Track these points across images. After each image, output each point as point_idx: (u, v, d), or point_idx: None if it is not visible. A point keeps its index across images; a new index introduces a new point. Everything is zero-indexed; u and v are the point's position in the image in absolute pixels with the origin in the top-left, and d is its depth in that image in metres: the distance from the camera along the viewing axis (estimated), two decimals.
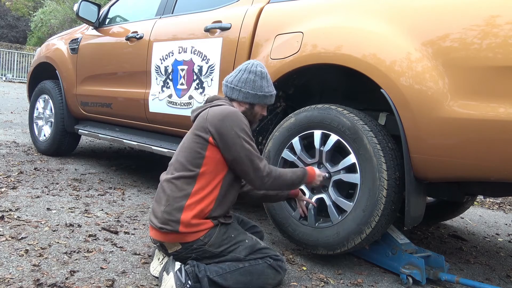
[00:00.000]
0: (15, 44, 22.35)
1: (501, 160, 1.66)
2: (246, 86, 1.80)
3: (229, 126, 1.66)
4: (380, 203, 1.84)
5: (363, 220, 1.88)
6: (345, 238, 1.93)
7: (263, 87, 1.83)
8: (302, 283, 1.85)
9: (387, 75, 1.84)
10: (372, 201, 1.85)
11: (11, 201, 2.46)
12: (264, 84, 1.83)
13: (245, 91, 1.80)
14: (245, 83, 1.80)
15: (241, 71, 1.83)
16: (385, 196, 1.83)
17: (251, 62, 1.85)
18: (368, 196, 1.87)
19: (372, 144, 1.88)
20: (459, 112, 1.68)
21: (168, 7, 3.08)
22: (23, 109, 7.58)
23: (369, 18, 1.98)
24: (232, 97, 1.82)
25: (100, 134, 3.48)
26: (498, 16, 1.63)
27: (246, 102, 1.82)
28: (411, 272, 1.94)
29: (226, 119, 1.67)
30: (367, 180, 1.88)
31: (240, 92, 1.80)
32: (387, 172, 1.84)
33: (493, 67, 1.62)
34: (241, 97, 1.80)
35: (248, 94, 1.80)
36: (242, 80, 1.81)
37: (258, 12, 2.43)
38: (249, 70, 1.82)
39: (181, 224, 1.62)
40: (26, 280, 1.57)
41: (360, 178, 1.91)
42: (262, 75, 1.83)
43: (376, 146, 1.88)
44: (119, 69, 3.33)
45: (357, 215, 1.89)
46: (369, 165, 1.87)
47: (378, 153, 1.86)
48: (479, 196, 3.26)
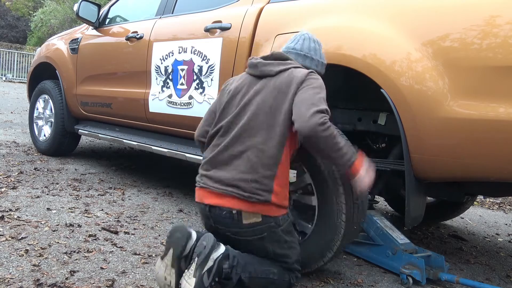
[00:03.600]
0: (15, 44, 22.35)
1: (501, 160, 1.66)
2: (316, 54, 1.80)
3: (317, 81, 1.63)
4: (340, 228, 1.74)
5: (323, 244, 1.79)
6: (307, 259, 1.84)
7: (324, 56, 1.85)
8: (302, 283, 1.85)
9: (387, 75, 1.84)
10: (332, 225, 1.75)
11: (11, 201, 2.46)
12: (323, 54, 1.85)
13: (316, 59, 1.79)
14: (315, 52, 1.79)
15: (305, 40, 1.80)
16: (344, 221, 1.73)
17: (308, 33, 1.83)
18: (326, 220, 1.76)
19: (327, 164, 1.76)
20: (459, 112, 1.68)
21: (168, 7, 3.08)
22: (23, 109, 7.58)
23: (369, 18, 1.98)
24: (303, 63, 1.77)
25: (100, 134, 3.48)
26: (498, 16, 1.63)
27: (314, 70, 1.75)
28: (411, 272, 1.94)
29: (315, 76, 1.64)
30: (324, 203, 1.78)
31: (312, 60, 1.79)
32: (345, 196, 1.72)
33: (493, 67, 1.62)
34: (314, 65, 1.78)
35: (318, 62, 1.81)
36: (312, 48, 1.79)
37: (258, 12, 2.43)
38: (313, 39, 1.81)
39: (273, 194, 1.53)
40: (26, 280, 1.57)
41: (317, 200, 1.80)
42: (321, 44, 1.84)
43: (331, 167, 1.75)
44: (119, 69, 3.33)
45: (317, 239, 1.81)
46: (325, 187, 1.77)
47: (333, 175, 1.74)
48: (479, 196, 3.26)
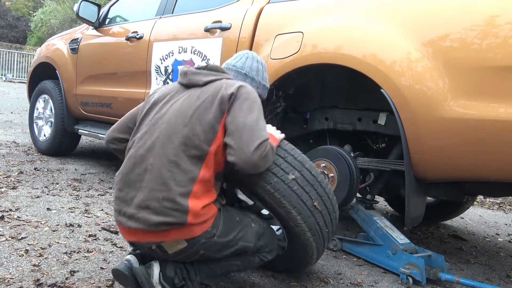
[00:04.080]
0: (15, 44, 22.34)
1: (501, 160, 1.66)
2: (258, 75, 1.68)
3: (250, 97, 1.45)
4: (310, 242, 1.63)
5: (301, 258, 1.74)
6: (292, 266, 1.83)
7: (267, 79, 1.74)
8: (302, 283, 1.85)
9: (387, 75, 1.84)
10: (302, 243, 1.64)
11: (11, 201, 2.46)
12: (267, 76, 1.74)
13: (258, 80, 1.68)
14: (257, 72, 1.68)
15: (248, 58, 1.69)
16: (311, 236, 1.61)
17: (250, 52, 1.73)
18: (295, 240, 1.65)
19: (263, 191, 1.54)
20: (459, 112, 1.68)
21: (168, 7, 3.08)
22: (23, 109, 7.58)
23: (369, 18, 1.98)
24: None
25: (100, 134, 3.48)
26: (498, 16, 1.64)
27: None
28: (411, 272, 1.94)
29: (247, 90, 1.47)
30: (284, 224, 1.64)
31: (253, 81, 1.66)
32: (301, 216, 1.55)
33: (493, 67, 1.62)
34: (254, 86, 1.62)
35: (260, 84, 1.69)
36: (254, 68, 1.67)
37: (258, 12, 2.43)
38: (256, 59, 1.70)
39: (190, 214, 1.32)
40: (26, 280, 1.57)
41: (280, 222, 1.65)
42: (265, 66, 1.73)
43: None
44: (119, 69, 3.33)
45: (295, 254, 1.74)
46: (275, 211, 1.59)
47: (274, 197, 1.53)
48: (479, 196, 3.26)
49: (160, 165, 1.36)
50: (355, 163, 2.16)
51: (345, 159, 2.13)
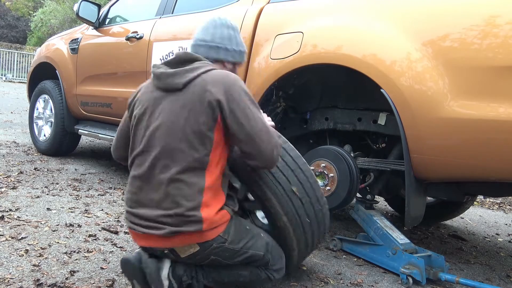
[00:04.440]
0: (15, 44, 22.33)
1: (501, 160, 1.66)
2: (231, 43, 1.56)
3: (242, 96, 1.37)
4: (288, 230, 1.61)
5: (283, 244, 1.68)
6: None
7: (242, 42, 1.61)
8: (302, 283, 1.85)
9: (387, 75, 1.84)
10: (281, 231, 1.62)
11: (11, 201, 2.46)
12: (241, 40, 1.62)
13: (231, 48, 1.55)
14: (230, 40, 1.55)
15: (216, 27, 1.55)
16: (287, 221, 1.59)
17: (218, 16, 1.60)
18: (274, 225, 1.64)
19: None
20: (459, 112, 1.68)
21: (168, 7, 3.08)
22: (23, 109, 7.58)
23: (369, 18, 1.98)
24: (217, 57, 1.54)
25: (100, 134, 3.48)
26: (498, 16, 1.64)
27: (231, 62, 1.58)
28: (411, 272, 1.94)
29: (235, 88, 1.37)
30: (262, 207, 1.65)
31: (227, 52, 1.54)
32: (276, 199, 1.56)
33: (493, 67, 1.62)
34: (229, 56, 1.55)
35: (235, 52, 1.56)
36: (226, 37, 1.54)
37: (258, 12, 2.43)
38: (226, 25, 1.56)
39: (204, 223, 1.34)
40: (26, 280, 1.57)
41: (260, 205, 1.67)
42: (237, 29, 1.60)
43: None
44: (119, 69, 3.33)
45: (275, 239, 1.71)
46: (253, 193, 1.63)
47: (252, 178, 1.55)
48: (479, 196, 3.26)
49: (165, 183, 1.36)
50: (355, 163, 2.16)
51: (345, 159, 2.13)
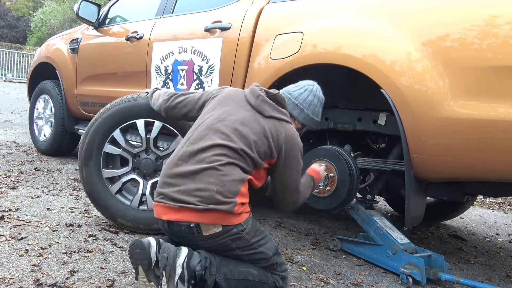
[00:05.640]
0: (15, 44, 22.33)
1: (501, 160, 1.66)
2: (309, 108, 1.81)
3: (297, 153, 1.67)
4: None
5: None
6: None
7: (319, 114, 1.86)
8: (302, 283, 1.85)
9: (387, 75, 1.84)
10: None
11: (11, 201, 2.46)
12: (320, 111, 1.86)
13: (306, 113, 1.81)
14: (309, 105, 1.81)
15: (306, 91, 1.82)
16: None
17: (315, 85, 1.85)
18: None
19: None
20: (459, 112, 1.68)
21: (168, 7, 3.08)
22: (23, 109, 7.58)
23: (369, 18, 1.98)
24: (293, 113, 1.80)
25: None
26: (498, 16, 1.64)
27: (301, 123, 1.83)
28: (411, 272, 1.94)
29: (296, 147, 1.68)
30: None
31: (302, 112, 1.80)
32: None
33: (493, 67, 1.62)
34: (301, 117, 1.81)
35: (308, 117, 1.82)
36: (307, 102, 1.81)
37: (258, 12, 2.43)
38: (314, 93, 1.83)
39: (236, 206, 1.50)
40: (26, 280, 1.57)
41: None
42: (322, 102, 1.86)
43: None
44: (119, 69, 3.33)
45: None
46: None
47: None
48: (479, 196, 3.26)
49: (217, 165, 1.52)
50: (355, 163, 2.16)
51: (345, 159, 2.13)
